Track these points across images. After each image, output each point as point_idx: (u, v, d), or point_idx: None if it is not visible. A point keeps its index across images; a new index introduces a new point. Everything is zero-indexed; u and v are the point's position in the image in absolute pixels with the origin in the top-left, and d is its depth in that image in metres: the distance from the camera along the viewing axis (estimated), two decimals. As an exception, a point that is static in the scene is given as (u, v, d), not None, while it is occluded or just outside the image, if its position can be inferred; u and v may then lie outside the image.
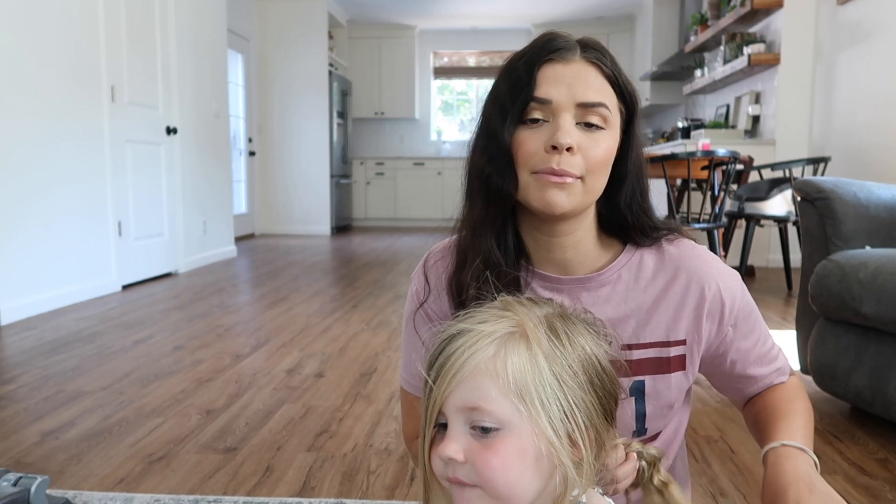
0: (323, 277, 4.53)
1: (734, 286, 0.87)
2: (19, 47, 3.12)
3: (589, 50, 0.80)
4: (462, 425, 0.56)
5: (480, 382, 0.55)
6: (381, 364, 2.41)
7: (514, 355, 0.56)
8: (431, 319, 0.88)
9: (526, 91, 0.77)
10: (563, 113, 0.77)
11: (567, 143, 0.75)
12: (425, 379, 0.59)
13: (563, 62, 0.78)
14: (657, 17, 7.27)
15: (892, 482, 1.47)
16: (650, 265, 0.86)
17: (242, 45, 7.05)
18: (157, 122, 4.41)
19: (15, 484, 1.03)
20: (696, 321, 0.84)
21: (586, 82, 0.77)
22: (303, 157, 7.58)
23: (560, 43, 0.79)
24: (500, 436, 0.55)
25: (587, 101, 0.77)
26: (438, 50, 9.38)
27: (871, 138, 3.99)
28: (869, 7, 4.00)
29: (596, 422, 0.58)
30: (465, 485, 0.56)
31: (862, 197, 1.96)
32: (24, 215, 3.16)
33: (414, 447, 0.94)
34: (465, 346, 0.57)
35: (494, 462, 0.54)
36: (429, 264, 0.91)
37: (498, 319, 0.58)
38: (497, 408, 0.55)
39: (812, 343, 1.94)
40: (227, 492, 1.42)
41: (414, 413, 0.94)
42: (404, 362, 0.96)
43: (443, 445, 0.56)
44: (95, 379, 2.21)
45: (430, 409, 0.58)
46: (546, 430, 0.55)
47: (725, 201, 3.73)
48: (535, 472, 0.56)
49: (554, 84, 0.77)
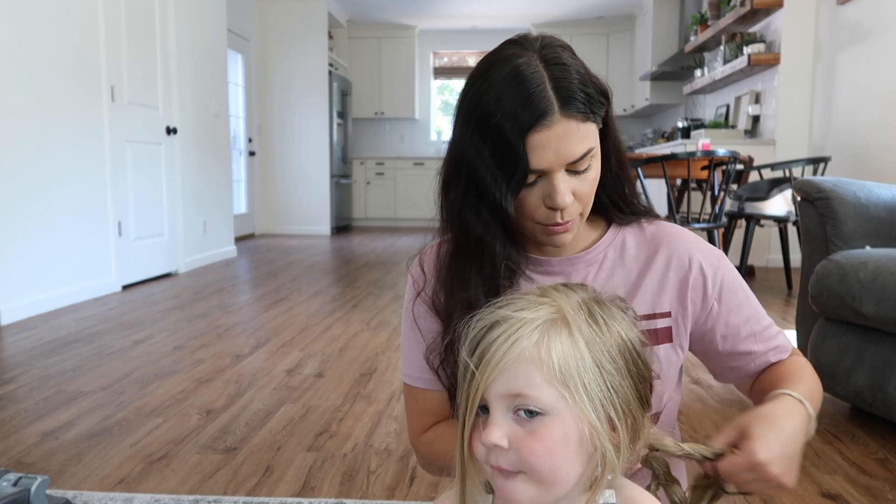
0: (323, 277, 4.53)
1: (715, 260, 0.89)
2: (19, 47, 3.12)
3: (567, 105, 0.77)
4: (505, 412, 0.57)
5: (525, 370, 0.56)
6: (381, 364, 2.41)
7: (556, 342, 0.56)
8: (428, 306, 0.91)
9: (521, 165, 0.78)
10: (555, 174, 0.79)
11: (566, 204, 0.80)
12: (465, 365, 0.59)
13: (546, 128, 0.76)
14: (657, 17, 7.27)
15: (892, 482, 1.47)
16: (632, 243, 0.91)
17: (242, 45, 7.05)
18: (157, 122, 4.41)
19: (15, 484, 1.03)
20: (680, 294, 0.88)
21: (570, 141, 0.78)
22: (303, 157, 7.58)
23: (538, 107, 0.76)
24: (544, 421, 0.56)
25: (575, 157, 0.78)
26: (438, 50, 9.38)
27: (871, 138, 3.99)
28: (869, 7, 4.00)
29: (633, 406, 0.59)
30: (507, 472, 0.56)
31: (862, 197, 1.96)
32: (24, 215, 3.16)
33: (420, 444, 0.94)
34: (506, 333, 0.57)
35: (539, 448, 0.55)
36: (424, 255, 0.95)
37: (538, 307, 0.59)
38: (541, 394, 0.55)
39: (812, 343, 1.94)
40: (227, 492, 1.42)
41: (417, 406, 0.94)
42: (405, 358, 0.96)
43: (487, 432, 0.56)
44: (95, 379, 2.21)
45: (471, 396, 0.58)
46: (589, 414, 0.56)
47: (725, 201, 3.73)
48: (578, 458, 0.57)
49: (542, 152, 0.77)
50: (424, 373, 0.92)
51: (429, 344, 0.90)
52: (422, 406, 0.94)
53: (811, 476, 1.50)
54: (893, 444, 1.69)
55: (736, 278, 0.90)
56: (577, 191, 0.81)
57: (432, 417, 0.94)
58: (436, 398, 0.93)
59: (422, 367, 0.91)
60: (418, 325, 0.92)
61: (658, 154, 3.44)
